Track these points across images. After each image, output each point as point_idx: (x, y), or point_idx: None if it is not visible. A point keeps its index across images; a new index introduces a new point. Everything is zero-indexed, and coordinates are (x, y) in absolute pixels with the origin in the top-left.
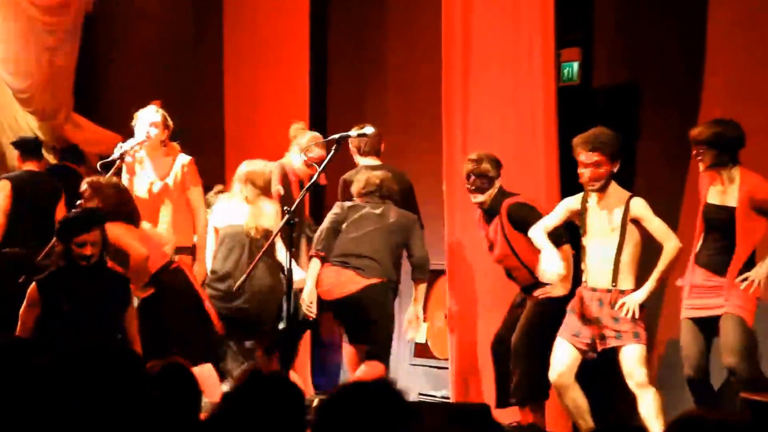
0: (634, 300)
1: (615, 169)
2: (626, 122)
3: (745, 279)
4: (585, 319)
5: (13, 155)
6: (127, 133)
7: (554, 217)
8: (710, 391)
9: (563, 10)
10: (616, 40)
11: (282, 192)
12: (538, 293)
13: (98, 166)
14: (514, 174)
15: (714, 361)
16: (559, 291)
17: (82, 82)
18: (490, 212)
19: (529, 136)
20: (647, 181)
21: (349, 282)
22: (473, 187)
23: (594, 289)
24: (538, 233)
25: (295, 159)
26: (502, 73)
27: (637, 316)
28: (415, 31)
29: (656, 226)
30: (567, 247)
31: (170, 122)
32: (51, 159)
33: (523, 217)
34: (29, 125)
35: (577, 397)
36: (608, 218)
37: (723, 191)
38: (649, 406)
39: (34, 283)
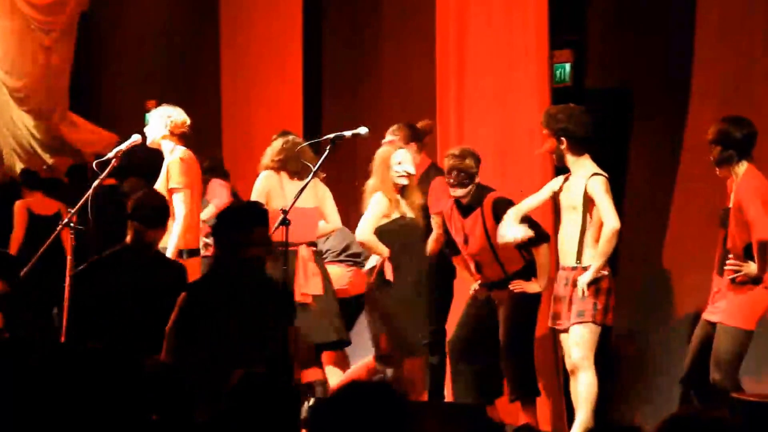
0: (581, 281)
1: (564, 147)
2: (618, 123)
3: (732, 268)
4: (556, 298)
5: (10, 154)
6: (124, 131)
7: (536, 197)
8: (699, 388)
9: (556, 11)
10: (608, 42)
11: None
12: (514, 287)
13: (93, 165)
14: (508, 174)
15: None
16: (533, 288)
17: (78, 81)
18: (468, 206)
19: (524, 137)
20: (638, 181)
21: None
22: (455, 182)
23: (563, 268)
24: (513, 208)
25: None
26: (496, 74)
27: (585, 294)
28: (410, 32)
29: (600, 205)
30: (545, 246)
31: (174, 118)
32: (47, 158)
33: (506, 210)
34: (25, 124)
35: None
36: (572, 197)
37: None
38: (579, 389)
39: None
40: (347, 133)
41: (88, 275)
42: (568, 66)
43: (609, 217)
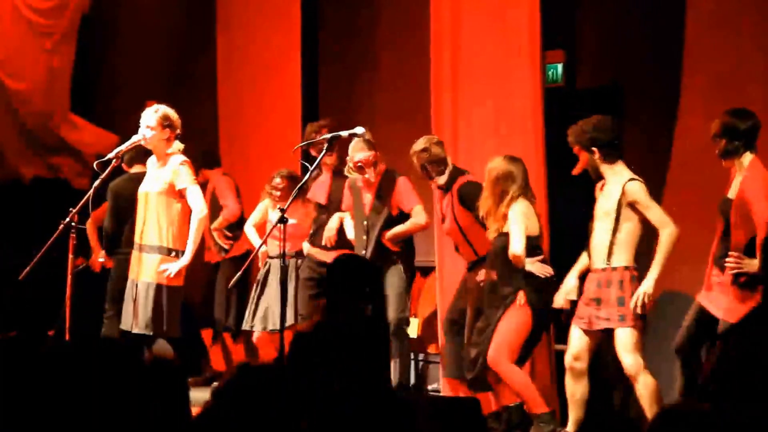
0: (641, 291)
1: (597, 156)
2: None
3: (733, 264)
4: (585, 299)
5: (13, 155)
6: (124, 133)
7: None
8: (693, 372)
9: (547, 12)
10: (599, 42)
11: None
12: (479, 278)
13: (94, 165)
14: None
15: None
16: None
17: (79, 82)
18: (445, 188)
19: (517, 136)
20: None
21: None
22: (434, 173)
23: (594, 270)
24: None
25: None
26: (489, 76)
27: (647, 308)
28: (405, 30)
29: (652, 213)
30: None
31: (173, 120)
32: (49, 159)
33: (472, 194)
34: (26, 126)
35: (581, 385)
36: (606, 203)
37: (737, 183)
38: (639, 394)
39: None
40: (344, 133)
41: None
42: (560, 66)
43: (667, 224)
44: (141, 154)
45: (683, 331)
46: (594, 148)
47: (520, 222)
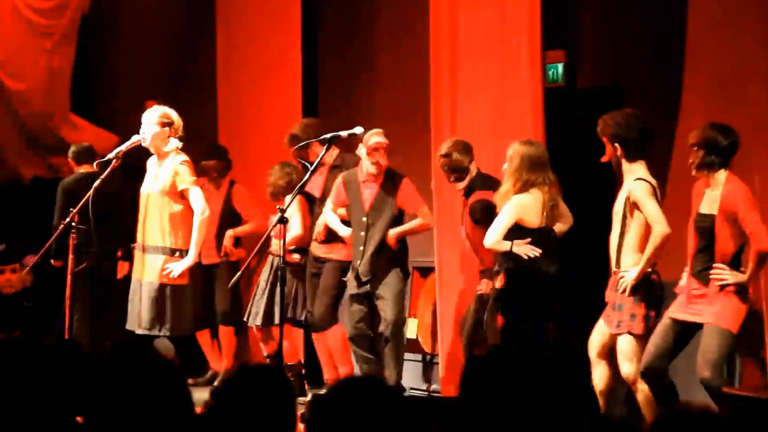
0: (626, 279)
1: (619, 153)
2: None
3: (720, 276)
4: (606, 301)
5: (13, 156)
6: (124, 133)
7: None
8: (667, 389)
9: (548, 12)
10: (600, 42)
11: None
12: (479, 288)
13: (95, 165)
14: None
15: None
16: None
17: (79, 82)
18: (464, 195)
19: (517, 136)
20: None
21: None
22: (453, 179)
23: (611, 273)
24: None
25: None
26: (489, 74)
27: (627, 293)
28: (405, 30)
29: (647, 210)
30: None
31: (173, 120)
32: (49, 159)
33: (481, 214)
34: (27, 126)
35: (598, 377)
36: (618, 203)
37: (712, 198)
38: (639, 400)
39: None
40: (343, 134)
41: None
42: (560, 66)
43: (659, 222)
44: (89, 153)
45: (653, 350)
46: (616, 144)
47: (506, 215)
